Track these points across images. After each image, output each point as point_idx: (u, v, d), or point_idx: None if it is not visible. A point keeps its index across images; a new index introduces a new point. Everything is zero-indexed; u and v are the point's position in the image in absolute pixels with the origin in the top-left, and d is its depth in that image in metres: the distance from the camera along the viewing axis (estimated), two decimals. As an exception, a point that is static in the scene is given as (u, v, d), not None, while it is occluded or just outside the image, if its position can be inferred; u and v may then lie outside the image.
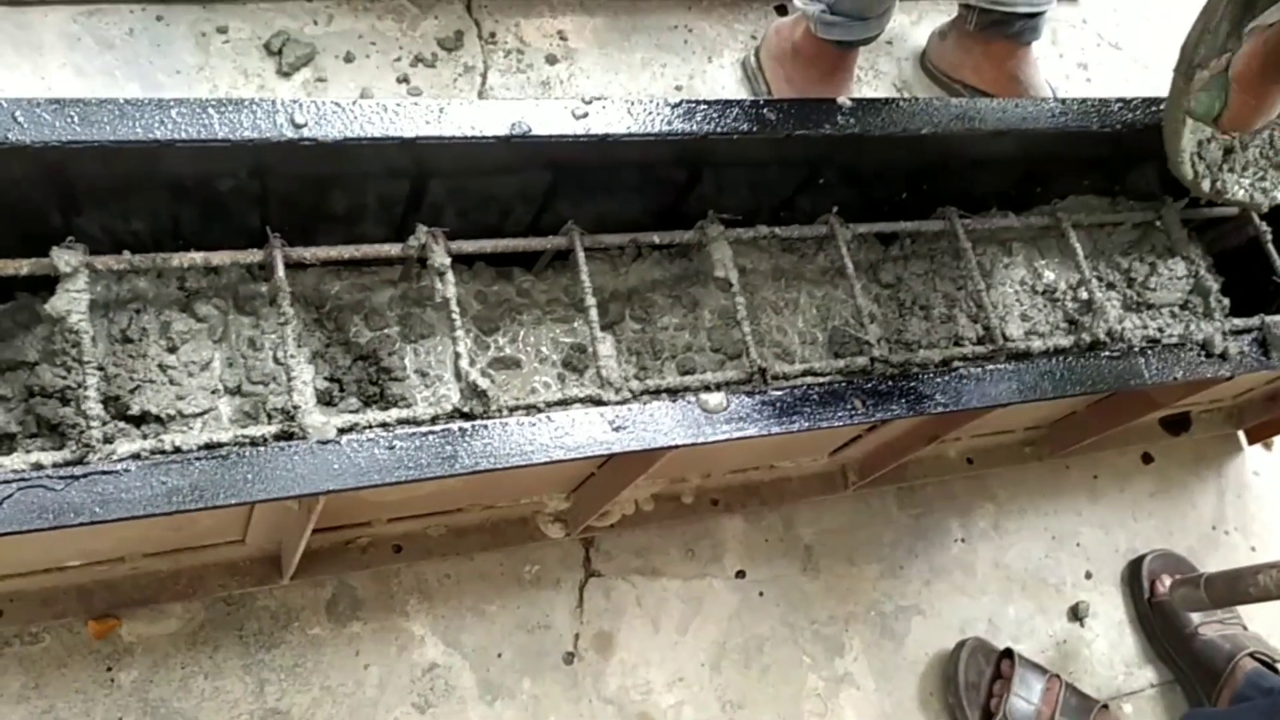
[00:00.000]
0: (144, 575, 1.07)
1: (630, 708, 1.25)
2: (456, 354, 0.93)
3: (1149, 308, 1.40)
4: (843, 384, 1.01)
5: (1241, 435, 1.70)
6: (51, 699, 1.06)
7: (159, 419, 0.98)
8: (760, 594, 1.35)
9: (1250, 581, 1.19)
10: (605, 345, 1.00)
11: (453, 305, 0.95)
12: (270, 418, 1.02)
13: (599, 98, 1.01)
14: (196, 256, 0.92)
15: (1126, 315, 1.39)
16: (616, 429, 0.91)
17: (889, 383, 1.02)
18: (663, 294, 1.23)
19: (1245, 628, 1.48)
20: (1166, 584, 1.46)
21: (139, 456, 0.79)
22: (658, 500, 1.28)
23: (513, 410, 0.92)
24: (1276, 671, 1.40)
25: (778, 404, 0.97)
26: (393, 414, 0.90)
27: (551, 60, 1.55)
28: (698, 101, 1.04)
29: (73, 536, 0.78)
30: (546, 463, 0.88)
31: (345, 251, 0.97)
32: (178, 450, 0.80)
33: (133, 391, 0.97)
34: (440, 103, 0.94)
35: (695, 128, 1.03)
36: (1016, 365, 1.09)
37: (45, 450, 0.79)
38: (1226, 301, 1.37)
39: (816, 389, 0.99)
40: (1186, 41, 1.10)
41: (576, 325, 1.19)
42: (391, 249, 0.98)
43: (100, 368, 0.92)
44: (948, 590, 1.44)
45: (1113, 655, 1.49)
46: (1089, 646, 1.49)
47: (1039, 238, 1.39)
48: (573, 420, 0.90)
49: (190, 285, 1.03)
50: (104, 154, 0.83)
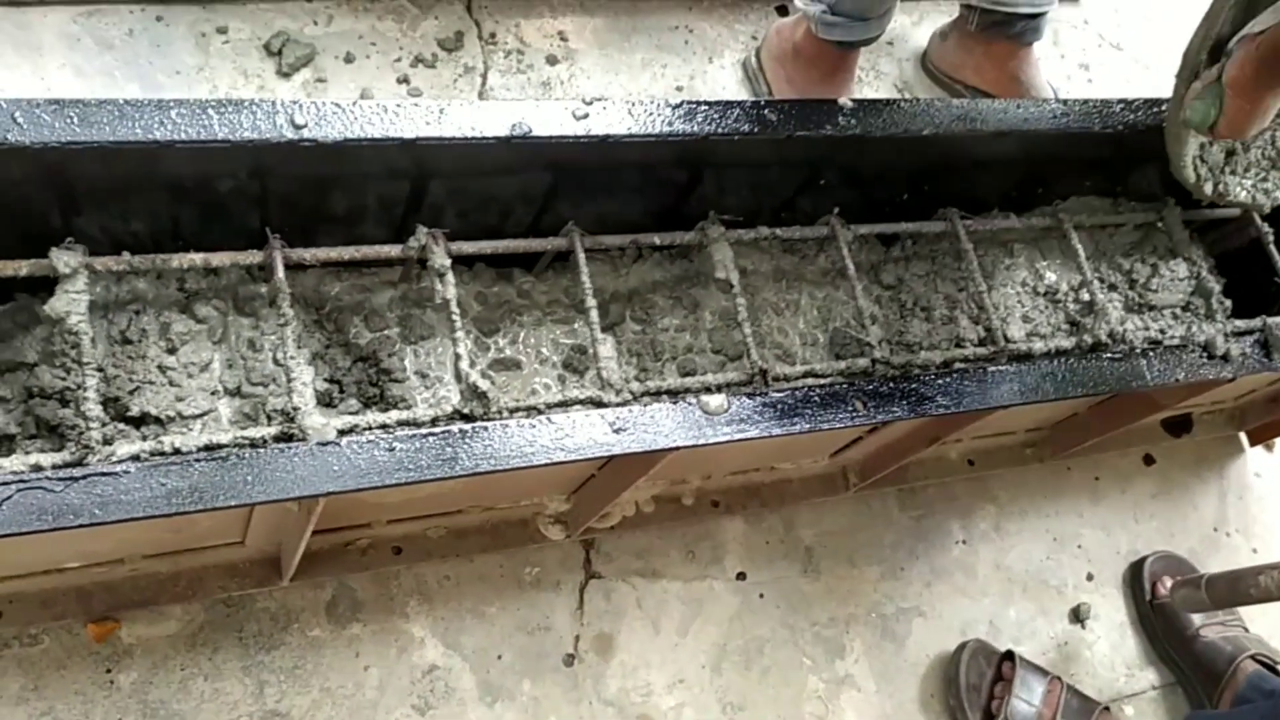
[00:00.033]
0: (143, 577, 1.07)
1: (630, 710, 1.24)
2: (457, 355, 0.93)
3: (1151, 309, 1.40)
4: (844, 385, 1.00)
5: (1243, 437, 1.70)
6: (51, 700, 1.06)
7: (158, 420, 0.98)
8: (761, 596, 1.35)
9: (1251, 583, 1.19)
10: (606, 346, 1.00)
11: (453, 306, 0.95)
12: (270, 419, 1.02)
13: (599, 98, 1.01)
14: (196, 258, 0.91)
15: (1128, 317, 1.38)
16: (617, 430, 0.91)
17: (890, 384, 1.02)
18: (663, 295, 1.23)
19: (1246, 630, 1.48)
20: (1168, 585, 1.46)
21: (138, 458, 0.79)
22: (658, 502, 1.28)
23: (513, 412, 0.92)
24: (1278, 674, 1.40)
25: (779, 406, 0.96)
26: (393, 415, 0.90)
27: (552, 61, 1.55)
28: (698, 102, 1.04)
29: (72, 538, 0.78)
30: (547, 464, 0.88)
31: (345, 253, 0.97)
32: (177, 452, 0.80)
33: (132, 393, 0.97)
34: (440, 103, 0.94)
35: (696, 128, 1.03)
36: (1018, 367, 1.09)
37: (44, 452, 0.78)
38: (1228, 303, 1.37)
39: (817, 390, 0.99)
40: (1189, 47, 1.10)
41: (577, 326, 1.19)
42: (392, 250, 0.98)
43: (100, 369, 0.92)
44: (949, 592, 1.44)
45: (1114, 657, 1.49)
46: (1090, 648, 1.48)
47: (1040, 239, 1.39)
48: (573, 422, 0.90)
49: (190, 286, 1.03)
50: (103, 155, 0.83)
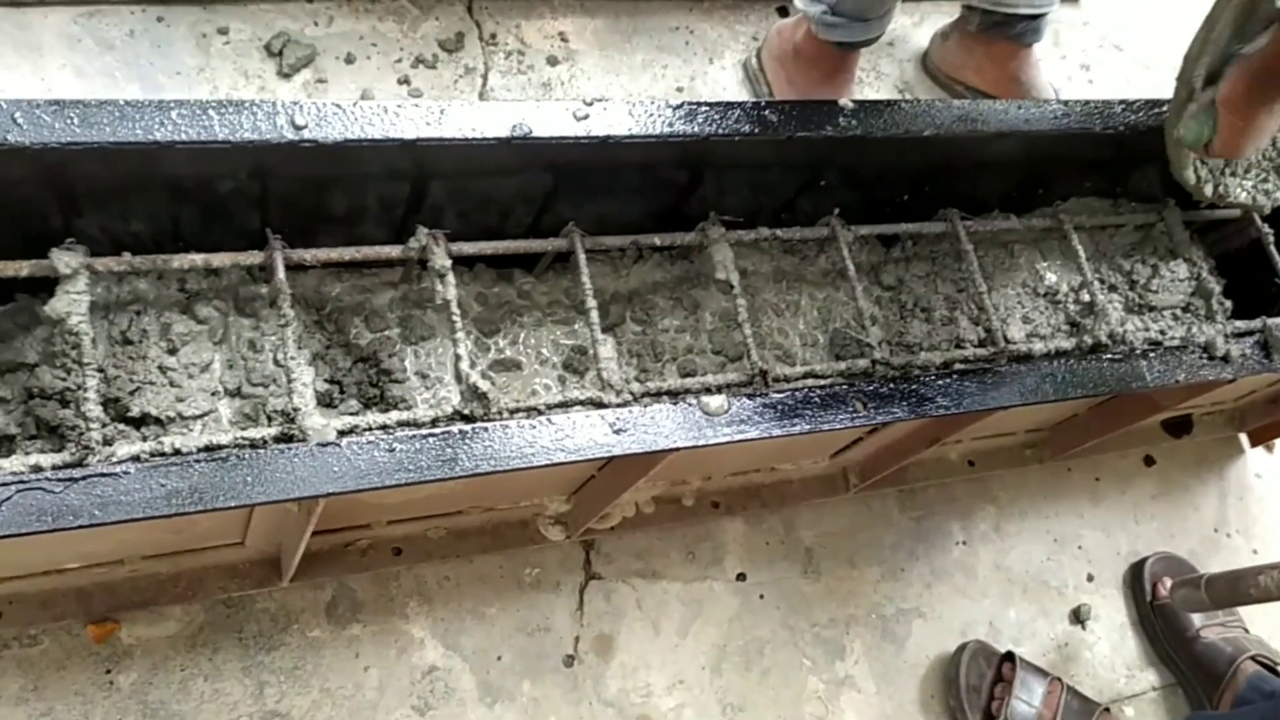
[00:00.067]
0: (143, 578, 1.07)
1: (630, 710, 1.24)
2: (457, 356, 0.93)
3: (1151, 310, 1.40)
4: (844, 386, 1.00)
5: (1243, 438, 1.70)
6: (50, 701, 1.05)
7: (159, 421, 0.98)
8: (761, 596, 1.35)
9: (1251, 583, 1.19)
10: (606, 347, 1.00)
11: (453, 307, 0.95)
12: (270, 420, 1.02)
13: (600, 99, 1.01)
14: (197, 258, 0.91)
15: (1128, 317, 1.38)
16: (617, 431, 0.91)
17: (890, 385, 1.02)
18: (664, 296, 1.23)
19: (1247, 630, 1.48)
20: (1168, 586, 1.46)
21: (138, 459, 0.79)
22: (658, 503, 1.28)
23: (513, 412, 0.92)
24: (1278, 675, 1.40)
25: (779, 406, 0.96)
26: (393, 416, 0.90)
27: (552, 61, 1.55)
28: (699, 103, 1.04)
29: (72, 539, 0.78)
30: (547, 465, 0.88)
31: (346, 253, 0.97)
32: (177, 452, 0.80)
33: (133, 393, 0.97)
34: (441, 104, 0.94)
35: (696, 129, 1.03)
36: (1018, 368, 1.09)
37: (45, 452, 0.78)
38: (1229, 304, 1.37)
39: (818, 391, 0.99)
40: (1189, 51, 1.10)
41: (577, 327, 1.19)
42: (392, 251, 0.98)
43: (100, 369, 0.92)
44: (949, 593, 1.44)
45: (1114, 658, 1.49)
46: (1090, 649, 1.48)
47: (1041, 240, 1.39)
48: (573, 422, 0.90)
49: (190, 287, 1.03)
50: (104, 155, 0.83)
